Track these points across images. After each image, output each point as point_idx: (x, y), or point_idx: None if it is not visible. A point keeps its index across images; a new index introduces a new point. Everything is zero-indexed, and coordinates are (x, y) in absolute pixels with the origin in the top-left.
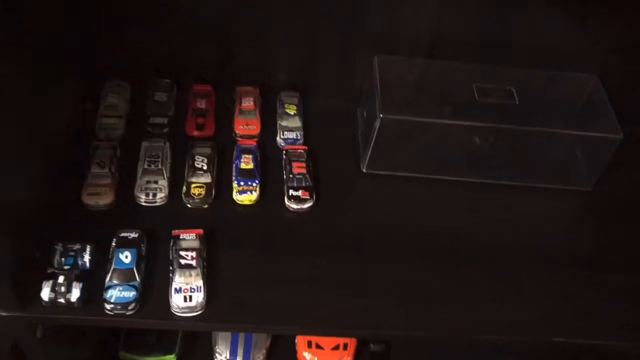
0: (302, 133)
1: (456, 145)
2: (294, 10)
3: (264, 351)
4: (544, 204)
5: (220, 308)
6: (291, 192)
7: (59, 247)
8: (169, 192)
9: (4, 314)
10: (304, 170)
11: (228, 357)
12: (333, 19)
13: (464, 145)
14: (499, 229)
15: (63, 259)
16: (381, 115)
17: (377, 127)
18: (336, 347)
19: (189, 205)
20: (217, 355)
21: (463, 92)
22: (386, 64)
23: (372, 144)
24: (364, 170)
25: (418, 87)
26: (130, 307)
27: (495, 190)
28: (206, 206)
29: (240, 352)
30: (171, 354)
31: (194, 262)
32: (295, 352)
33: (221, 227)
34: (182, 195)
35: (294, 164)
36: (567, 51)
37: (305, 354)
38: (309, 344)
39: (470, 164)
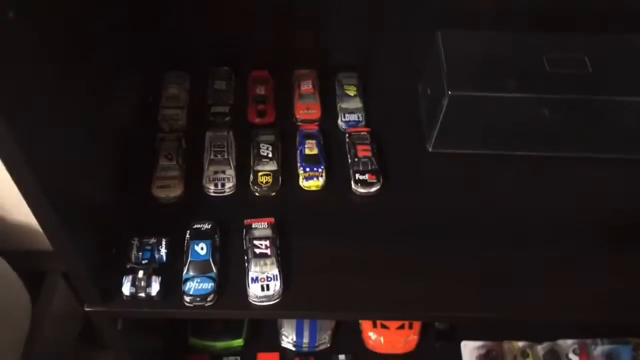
0: (363, 114)
1: (525, 120)
2: None
3: (330, 332)
4: (619, 176)
5: (296, 296)
6: (357, 176)
7: (135, 242)
8: (236, 181)
9: (88, 309)
10: (369, 154)
11: (294, 340)
12: None
13: (533, 119)
14: (573, 206)
15: (140, 253)
16: (450, 92)
17: (446, 104)
18: (401, 327)
19: (256, 194)
20: (283, 338)
21: (532, 63)
22: (450, 38)
23: (439, 122)
24: (429, 149)
25: (485, 61)
26: (209, 299)
27: (567, 164)
28: (274, 194)
29: (306, 334)
30: (239, 338)
31: (268, 251)
32: (360, 332)
33: (290, 214)
34: (250, 184)
35: (359, 147)
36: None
37: (371, 334)
38: (374, 324)
39: (540, 137)
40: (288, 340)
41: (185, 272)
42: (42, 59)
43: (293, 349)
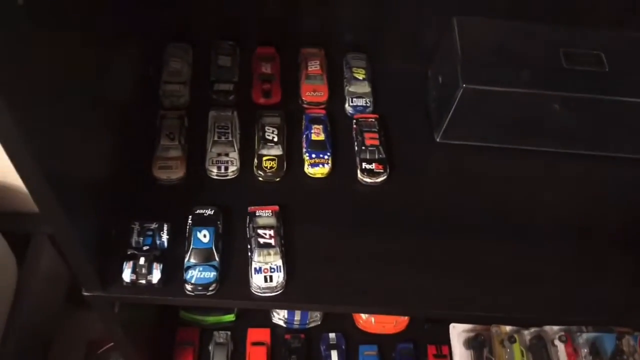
0: (371, 99)
1: (537, 114)
2: None
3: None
4: (628, 174)
5: (299, 287)
6: (364, 165)
7: (136, 227)
8: (240, 164)
9: (87, 293)
10: (376, 142)
11: (286, 317)
12: None
13: (545, 114)
14: (582, 203)
15: (141, 238)
16: (464, 85)
17: (459, 96)
18: None
19: (260, 179)
20: (274, 314)
21: (548, 57)
22: (465, 25)
23: (450, 113)
24: (437, 140)
25: (501, 52)
26: (210, 288)
27: (577, 160)
28: (278, 179)
29: (297, 312)
30: (230, 313)
31: (272, 241)
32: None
33: (294, 201)
34: (254, 168)
35: (366, 135)
36: None
37: (362, 314)
38: None
39: (550, 133)
40: (279, 317)
41: (187, 259)
42: (37, 24)
43: (284, 325)
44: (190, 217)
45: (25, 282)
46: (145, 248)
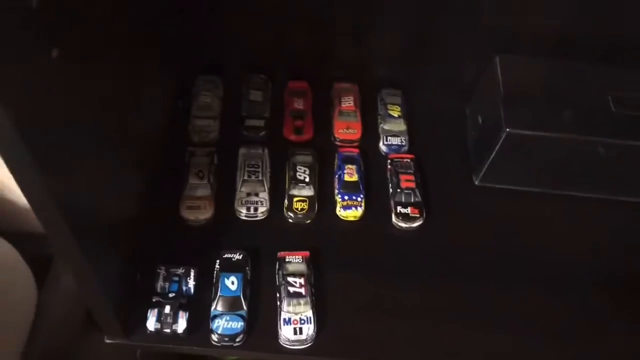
0: (406, 138)
1: (581, 160)
2: None
3: None
4: None
5: (330, 340)
6: (399, 209)
7: (162, 272)
8: (270, 205)
9: (109, 341)
10: (412, 185)
11: None
12: (442, 5)
13: (590, 160)
14: (623, 252)
15: (167, 284)
16: (508, 130)
17: (501, 140)
18: None
19: (290, 220)
20: None
21: (596, 100)
22: (508, 64)
23: (491, 157)
24: (476, 183)
25: (545, 94)
26: (237, 339)
27: (620, 208)
28: (309, 221)
29: None
30: None
31: (303, 290)
32: None
33: (325, 246)
34: (284, 210)
35: (402, 177)
36: None
37: None
38: None
39: (594, 179)
40: None
41: (213, 307)
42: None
43: None
44: (217, 262)
45: (44, 305)
46: (171, 295)
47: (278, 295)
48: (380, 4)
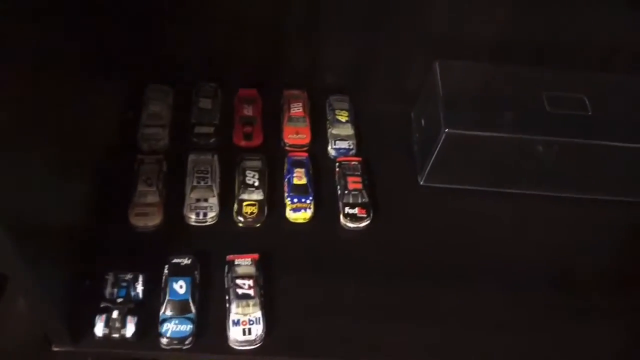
0: (354, 142)
1: (520, 158)
2: (345, 7)
3: None
4: (611, 218)
5: (279, 339)
6: (347, 209)
7: (110, 278)
8: (219, 210)
9: (56, 349)
10: (359, 186)
11: None
12: (387, 14)
13: (528, 158)
14: (566, 246)
15: (115, 289)
16: (447, 130)
17: (441, 140)
18: None
19: (240, 225)
20: None
21: (532, 101)
22: (448, 69)
23: (433, 157)
24: (421, 183)
25: (483, 97)
26: (186, 342)
27: (560, 203)
28: (258, 225)
29: None
30: None
31: (251, 292)
32: None
33: (274, 248)
34: (234, 214)
35: (349, 179)
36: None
37: None
38: None
39: (533, 176)
40: None
41: (162, 311)
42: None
43: None
44: (166, 267)
45: (1, 321)
46: (119, 300)
47: (227, 297)
48: (328, 14)
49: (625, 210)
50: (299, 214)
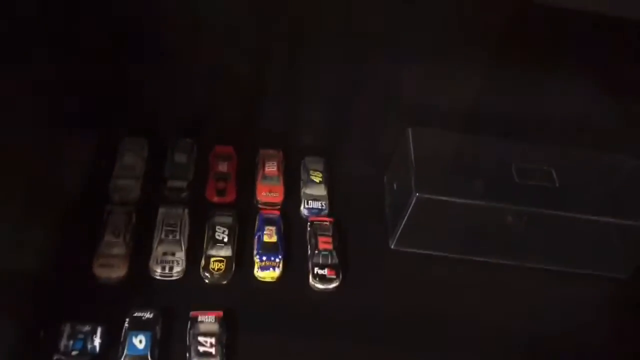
0: (327, 202)
1: (490, 226)
2: (323, 73)
3: None
4: (578, 291)
5: None
6: (316, 270)
7: (67, 329)
8: (186, 265)
9: None
10: (330, 247)
11: None
12: (363, 81)
13: (497, 226)
14: (533, 318)
15: (71, 341)
16: (417, 194)
17: (412, 205)
18: None
19: (206, 281)
20: None
21: (500, 170)
22: (420, 136)
23: (403, 221)
24: (392, 246)
25: (454, 164)
26: None
27: (528, 274)
28: (225, 282)
29: None
30: None
31: (212, 350)
32: None
33: (240, 307)
34: (201, 269)
35: (320, 239)
36: (608, 131)
37: None
38: None
39: (503, 245)
40: None
41: None
42: None
43: None
44: (127, 320)
45: None
46: (74, 352)
47: (188, 355)
48: (306, 78)
49: (594, 284)
50: (267, 272)
